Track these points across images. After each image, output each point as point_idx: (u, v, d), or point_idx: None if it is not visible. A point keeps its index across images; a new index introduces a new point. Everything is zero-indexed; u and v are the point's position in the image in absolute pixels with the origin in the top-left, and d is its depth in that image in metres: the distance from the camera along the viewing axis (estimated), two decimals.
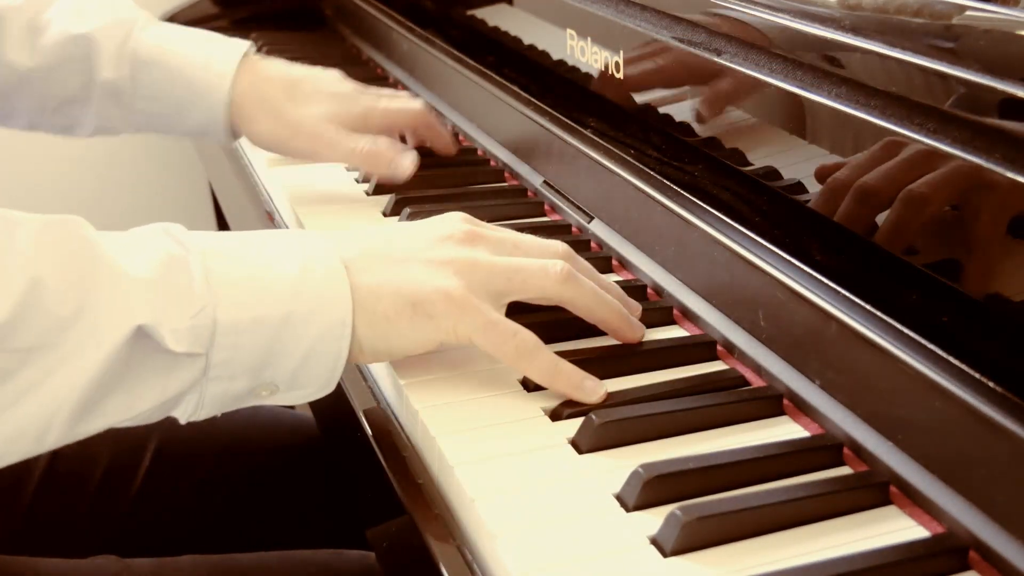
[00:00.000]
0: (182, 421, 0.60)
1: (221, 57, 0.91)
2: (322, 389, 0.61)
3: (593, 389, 0.61)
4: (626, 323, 0.66)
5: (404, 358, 0.64)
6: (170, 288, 0.56)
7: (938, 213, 0.56)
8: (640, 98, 0.81)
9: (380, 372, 0.68)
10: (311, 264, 0.60)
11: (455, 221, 0.66)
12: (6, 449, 0.54)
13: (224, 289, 0.57)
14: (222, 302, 0.57)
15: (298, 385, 0.60)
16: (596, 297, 0.65)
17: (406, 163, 0.88)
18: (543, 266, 0.64)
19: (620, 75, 0.82)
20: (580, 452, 0.58)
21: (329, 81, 0.93)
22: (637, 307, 0.68)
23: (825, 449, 0.57)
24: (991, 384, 0.51)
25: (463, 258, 0.62)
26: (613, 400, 0.61)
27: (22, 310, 0.52)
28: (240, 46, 0.92)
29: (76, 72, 0.91)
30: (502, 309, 0.63)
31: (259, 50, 1.35)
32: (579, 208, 0.83)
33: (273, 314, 0.58)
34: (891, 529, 0.52)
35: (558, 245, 0.67)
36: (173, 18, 1.49)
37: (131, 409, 0.57)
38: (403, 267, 0.62)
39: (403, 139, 0.97)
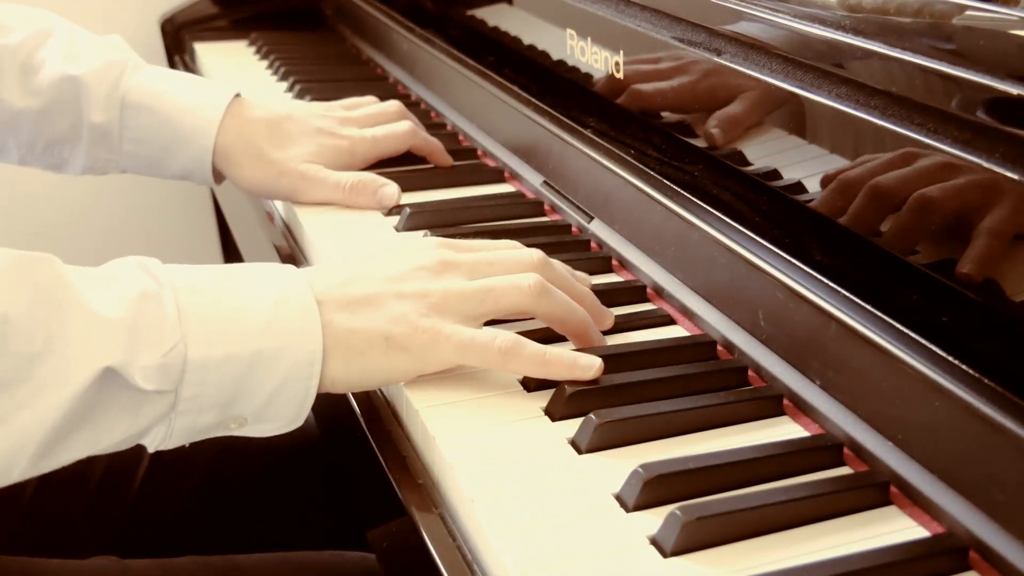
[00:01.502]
0: (150, 450, 0.61)
1: (209, 102, 0.91)
2: (291, 423, 0.62)
3: (589, 364, 0.61)
4: (591, 336, 0.66)
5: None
6: (141, 326, 0.56)
7: (938, 213, 0.56)
8: (640, 98, 0.81)
9: None
10: (284, 300, 0.60)
11: (430, 249, 0.66)
12: None
13: (196, 325, 0.58)
14: (193, 339, 0.57)
15: (266, 419, 0.61)
16: (567, 309, 0.65)
17: (390, 193, 0.88)
18: (514, 283, 0.64)
19: (620, 75, 0.82)
20: (580, 452, 0.58)
21: (313, 117, 0.93)
22: (610, 314, 0.69)
23: (825, 449, 0.57)
24: (991, 384, 0.51)
25: (436, 290, 0.63)
26: (613, 400, 0.61)
27: None
28: (228, 91, 0.92)
29: (66, 114, 0.92)
30: (480, 328, 0.63)
31: (259, 50, 1.37)
32: (579, 208, 0.83)
33: (244, 351, 0.58)
34: (891, 529, 0.52)
35: (532, 256, 0.66)
36: (173, 18, 1.49)
37: (98, 443, 0.58)
38: (377, 301, 0.62)
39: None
